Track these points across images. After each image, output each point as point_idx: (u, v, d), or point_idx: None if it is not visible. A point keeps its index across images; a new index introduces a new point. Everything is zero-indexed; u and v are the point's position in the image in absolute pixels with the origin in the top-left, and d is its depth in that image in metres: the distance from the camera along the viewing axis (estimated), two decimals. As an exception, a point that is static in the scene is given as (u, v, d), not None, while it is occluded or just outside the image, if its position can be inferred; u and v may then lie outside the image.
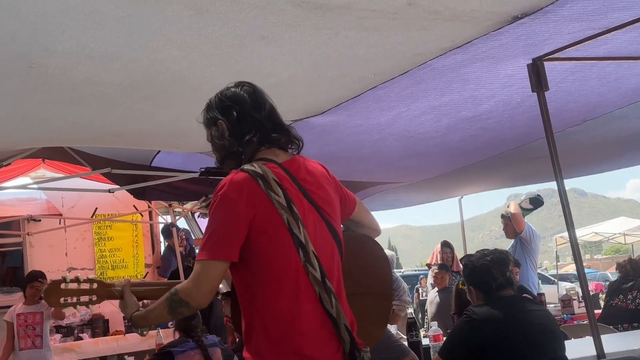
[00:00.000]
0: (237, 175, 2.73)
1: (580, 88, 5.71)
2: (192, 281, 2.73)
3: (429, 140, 6.92)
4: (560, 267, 22.53)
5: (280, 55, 4.50)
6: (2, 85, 4.60)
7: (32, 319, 7.05)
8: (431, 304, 9.29)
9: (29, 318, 7.05)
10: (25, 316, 7.07)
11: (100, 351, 9.37)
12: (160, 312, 2.80)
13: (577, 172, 10.03)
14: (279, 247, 2.72)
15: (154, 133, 6.43)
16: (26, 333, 7.02)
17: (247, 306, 2.78)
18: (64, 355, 8.81)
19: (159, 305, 2.81)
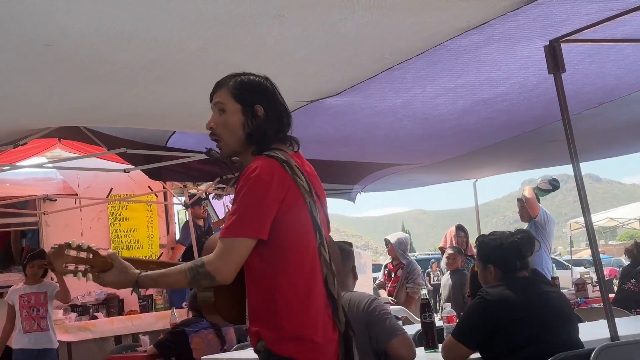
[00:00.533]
0: (267, 160, 2.82)
1: (597, 70, 5.67)
2: (220, 256, 2.79)
3: (445, 122, 6.91)
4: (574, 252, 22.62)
5: (295, 35, 4.48)
6: (18, 65, 4.62)
7: (35, 300, 6.79)
8: (444, 287, 9.39)
9: (32, 299, 6.79)
10: (28, 297, 6.80)
11: (115, 330, 9.41)
12: (178, 279, 2.85)
13: (593, 156, 9.98)
14: (303, 228, 2.85)
15: (169, 113, 6.46)
16: (30, 315, 6.75)
17: (267, 282, 2.85)
18: (79, 334, 8.85)
19: (177, 272, 2.86)
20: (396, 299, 9.32)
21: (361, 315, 4.39)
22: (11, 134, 6.90)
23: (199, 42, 4.42)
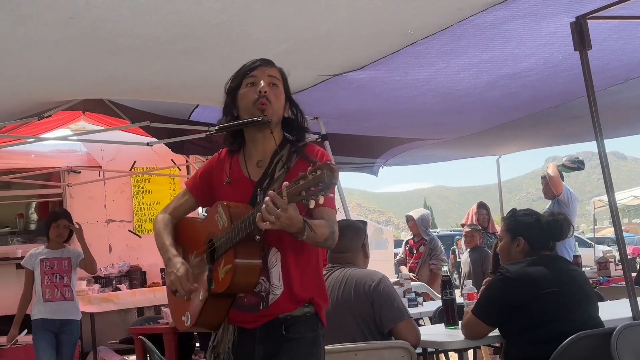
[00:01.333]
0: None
1: (624, 47, 5.66)
2: (334, 225, 3.02)
3: (468, 97, 6.93)
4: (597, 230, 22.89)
5: (318, 8, 4.45)
6: (43, 37, 4.64)
7: (59, 266, 6.37)
8: (464, 264, 9.44)
9: (55, 265, 6.35)
10: (51, 262, 6.35)
11: (137, 302, 9.58)
12: (322, 233, 2.92)
13: (618, 133, 9.99)
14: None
15: (193, 87, 6.46)
16: (53, 282, 6.34)
17: (314, 256, 3.11)
18: (102, 305, 9.01)
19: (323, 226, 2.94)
20: (418, 275, 9.31)
21: (367, 294, 4.45)
22: (36, 106, 6.92)
23: (222, 15, 4.40)
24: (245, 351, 3.08)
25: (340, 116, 7.85)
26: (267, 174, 3.13)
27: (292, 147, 3.16)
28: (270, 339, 3.08)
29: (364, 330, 4.47)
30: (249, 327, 3.09)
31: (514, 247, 4.46)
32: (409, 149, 10.12)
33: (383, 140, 9.59)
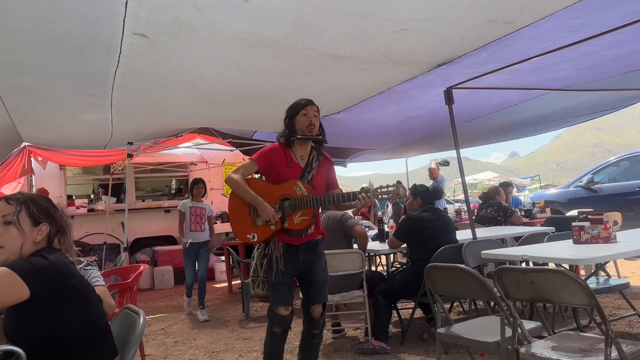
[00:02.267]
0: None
1: (470, 102, 5.98)
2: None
3: (392, 127, 7.32)
4: (455, 196, 26.79)
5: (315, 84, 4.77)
6: (178, 95, 5.07)
7: (199, 212, 6.67)
8: (390, 211, 10.46)
9: (197, 211, 6.65)
10: (195, 209, 6.64)
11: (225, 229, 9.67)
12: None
13: (466, 146, 10.05)
14: None
15: (253, 120, 6.78)
16: (196, 220, 6.62)
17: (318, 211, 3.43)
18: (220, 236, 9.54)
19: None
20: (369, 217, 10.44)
21: (337, 221, 4.87)
22: (174, 130, 7.50)
23: (269, 85, 4.76)
24: (292, 257, 3.29)
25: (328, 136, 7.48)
26: (308, 164, 3.35)
27: (318, 150, 3.42)
28: (308, 251, 3.35)
29: (337, 241, 4.82)
30: (295, 243, 3.31)
31: (415, 203, 4.97)
32: (361, 154, 10.49)
33: (349, 149, 9.96)
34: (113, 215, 9.72)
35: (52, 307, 1.90)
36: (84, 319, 1.98)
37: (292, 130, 3.33)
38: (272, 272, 3.28)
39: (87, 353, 1.97)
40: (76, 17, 3.02)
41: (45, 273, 1.90)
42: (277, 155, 3.33)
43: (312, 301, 3.36)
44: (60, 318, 1.91)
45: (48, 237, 2.07)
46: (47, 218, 2.07)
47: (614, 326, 4.36)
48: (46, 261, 1.94)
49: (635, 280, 6.68)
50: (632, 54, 4.57)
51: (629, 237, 3.95)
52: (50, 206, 2.13)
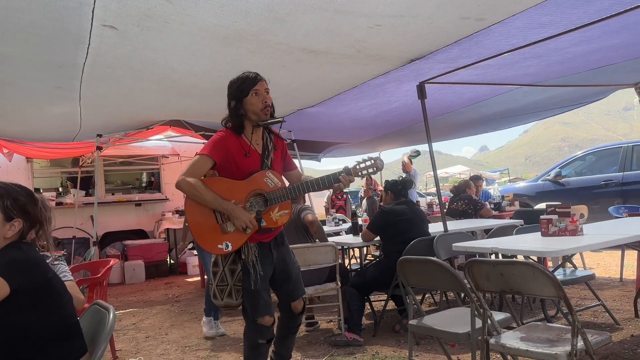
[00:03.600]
0: None
1: (442, 97, 6.03)
2: None
3: (365, 121, 7.33)
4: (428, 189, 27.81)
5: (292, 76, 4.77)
6: (149, 87, 4.98)
7: None
8: (363, 205, 10.53)
9: None
10: None
11: None
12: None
13: (438, 139, 10.13)
14: None
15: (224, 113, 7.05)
16: None
17: None
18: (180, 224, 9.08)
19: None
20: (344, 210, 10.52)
21: (297, 213, 4.93)
22: (145, 122, 7.32)
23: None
24: (267, 258, 2.95)
25: (302, 130, 8.04)
26: (264, 148, 2.97)
27: (269, 131, 3.05)
28: (277, 245, 3.03)
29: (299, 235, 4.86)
30: (266, 240, 2.96)
31: (387, 197, 4.89)
32: (335, 148, 10.55)
33: (323, 143, 10.03)
34: (82, 209, 9.57)
35: (28, 302, 1.87)
36: (56, 315, 1.96)
37: (243, 114, 2.90)
38: (250, 278, 2.88)
39: (57, 349, 1.95)
40: (44, 7, 2.95)
41: (24, 268, 1.88)
42: (232, 144, 2.88)
43: (293, 297, 3.08)
44: (33, 313, 1.88)
45: (21, 232, 2.03)
46: (22, 214, 2.03)
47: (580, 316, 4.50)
48: (24, 255, 1.92)
49: (600, 272, 6.87)
50: (599, 50, 4.66)
51: (594, 230, 4.04)
52: (29, 201, 2.08)
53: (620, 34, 4.23)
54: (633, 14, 3.64)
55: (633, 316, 4.57)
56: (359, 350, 4.23)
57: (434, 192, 22.81)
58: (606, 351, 3.64)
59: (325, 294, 4.85)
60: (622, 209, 6.75)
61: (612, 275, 6.58)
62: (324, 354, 4.24)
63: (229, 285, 2.90)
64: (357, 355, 4.11)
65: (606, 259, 7.81)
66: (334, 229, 6.65)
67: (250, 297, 2.89)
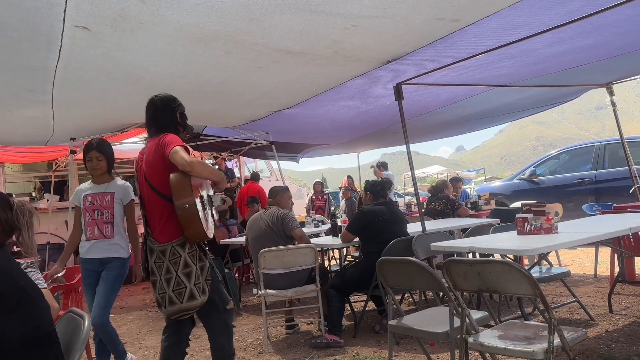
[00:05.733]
0: None
1: (419, 98, 6.08)
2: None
3: (343, 122, 7.38)
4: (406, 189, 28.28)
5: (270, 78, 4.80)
6: (123, 89, 4.92)
7: (100, 202, 3.91)
8: (342, 206, 10.76)
9: (96, 200, 3.92)
10: (93, 198, 3.92)
11: None
12: None
13: (415, 141, 10.38)
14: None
15: (204, 115, 6.71)
16: (93, 219, 3.87)
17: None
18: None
19: None
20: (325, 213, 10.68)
21: (276, 217, 4.90)
22: (120, 125, 7.16)
23: (218, 79, 4.75)
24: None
25: (280, 131, 8.04)
26: None
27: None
28: None
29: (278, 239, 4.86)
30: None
31: (367, 197, 5.04)
32: (314, 149, 10.49)
33: (301, 144, 9.96)
34: (56, 214, 9.42)
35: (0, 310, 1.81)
36: (30, 323, 1.90)
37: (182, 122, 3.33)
38: (213, 270, 3.04)
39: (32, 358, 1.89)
40: (12, 8, 2.88)
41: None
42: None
43: None
44: (6, 322, 1.83)
45: None
46: None
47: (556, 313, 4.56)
48: None
49: (575, 269, 6.99)
50: (572, 51, 4.75)
51: (569, 227, 4.11)
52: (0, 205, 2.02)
53: (592, 35, 4.32)
54: (603, 16, 3.72)
55: (607, 312, 4.65)
56: (340, 352, 4.23)
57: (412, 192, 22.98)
58: (582, 347, 3.69)
59: (304, 296, 4.83)
60: (596, 207, 6.87)
61: (587, 272, 6.69)
62: (304, 356, 4.23)
63: (201, 283, 2.94)
64: (337, 357, 4.12)
65: (581, 256, 7.94)
66: (313, 230, 6.64)
67: (217, 288, 3.06)
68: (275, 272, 4.61)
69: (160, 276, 2.93)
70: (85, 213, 3.98)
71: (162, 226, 2.97)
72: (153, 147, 3.03)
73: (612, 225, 3.92)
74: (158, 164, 2.99)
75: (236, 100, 5.69)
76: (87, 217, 3.98)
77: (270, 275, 4.63)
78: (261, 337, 4.88)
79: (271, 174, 13.46)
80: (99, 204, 4.00)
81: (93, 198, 4.00)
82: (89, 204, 4.00)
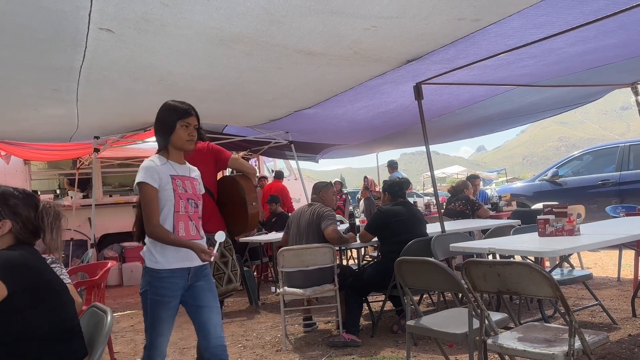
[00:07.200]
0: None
1: (438, 98, 6.03)
2: None
3: (363, 123, 7.37)
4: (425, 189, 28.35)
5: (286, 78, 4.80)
6: (146, 89, 4.98)
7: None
8: (361, 206, 10.80)
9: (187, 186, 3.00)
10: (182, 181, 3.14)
11: None
12: None
13: (435, 141, 10.29)
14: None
15: (223, 115, 6.82)
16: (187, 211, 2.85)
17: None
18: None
19: None
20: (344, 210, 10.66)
21: (316, 215, 4.88)
22: (142, 124, 7.24)
23: (239, 80, 4.75)
24: None
25: (299, 131, 8.06)
26: None
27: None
28: None
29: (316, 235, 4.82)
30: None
31: (385, 198, 4.96)
32: (333, 149, 10.55)
33: (320, 144, 10.01)
34: (80, 211, 9.55)
35: (25, 304, 1.86)
36: (55, 317, 1.94)
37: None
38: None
39: (56, 351, 1.93)
40: (40, 11, 2.95)
41: (19, 269, 1.88)
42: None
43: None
44: (32, 315, 1.87)
45: (16, 233, 2.01)
46: (12, 214, 2.01)
47: (577, 316, 4.54)
48: (19, 257, 1.91)
49: (598, 271, 6.89)
50: (596, 50, 4.67)
51: (591, 230, 4.04)
52: (23, 204, 2.06)
53: (616, 34, 4.24)
54: (629, 14, 3.65)
55: (630, 316, 4.58)
56: (357, 351, 4.23)
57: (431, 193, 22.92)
58: (604, 351, 3.65)
59: (323, 295, 4.83)
60: (620, 209, 6.76)
61: (610, 274, 6.60)
62: (322, 355, 4.25)
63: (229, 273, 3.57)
64: (355, 356, 4.12)
65: (604, 259, 7.82)
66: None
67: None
68: (294, 270, 4.61)
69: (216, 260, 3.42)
70: (179, 202, 2.72)
71: (208, 219, 3.30)
72: (197, 151, 3.07)
73: (636, 228, 3.86)
74: (209, 166, 3.47)
75: (256, 100, 5.71)
76: (181, 207, 2.73)
77: (289, 274, 4.62)
78: (279, 335, 4.90)
79: (290, 173, 13.49)
80: (191, 191, 2.81)
81: (183, 182, 2.78)
82: (182, 189, 2.75)
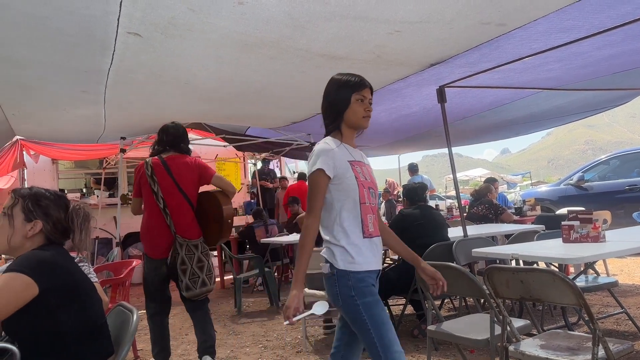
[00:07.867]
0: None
1: (462, 101, 6.03)
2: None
3: (385, 125, 7.41)
4: (447, 192, 27.37)
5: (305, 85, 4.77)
6: (172, 91, 5.06)
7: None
8: (382, 208, 10.67)
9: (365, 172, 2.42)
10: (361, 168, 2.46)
11: None
12: None
13: (458, 144, 10.10)
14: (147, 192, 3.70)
15: (245, 117, 6.93)
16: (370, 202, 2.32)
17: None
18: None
19: None
20: None
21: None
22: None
23: (260, 83, 4.83)
24: None
25: (321, 133, 8.14)
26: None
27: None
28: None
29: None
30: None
31: (404, 202, 4.95)
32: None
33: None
34: (105, 210, 9.71)
35: (57, 303, 1.89)
36: (84, 316, 1.98)
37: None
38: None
39: (85, 349, 1.97)
40: (70, 15, 3.02)
41: (51, 268, 1.91)
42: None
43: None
44: (62, 314, 1.90)
45: (47, 234, 2.05)
46: (43, 215, 2.04)
47: (602, 324, 4.47)
48: (50, 257, 1.94)
49: (624, 279, 6.76)
50: (622, 54, 4.61)
51: (617, 236, 3.98)
52: (53, 205, 2.09)
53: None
54: (658, 18, 3.58)
55: (657, 325, 4.48)
56: (377, 355, 4.20)
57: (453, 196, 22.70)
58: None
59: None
60: (647, 215, 6.61)
61: (636, 282, 6.49)
62: (342, 358, 4.22)
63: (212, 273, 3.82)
64: None
65: (630, 265, 7.68)
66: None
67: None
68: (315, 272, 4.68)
69: (192, 264, 3.65)
70: (363, 191, 2.29)
71: (187, 226, 3.71)
72: (184, 164, 3.75)
73: (663, 235, 3.72)
74: (193, 179, 3.76)
75: (279, 103, 5.75)
76: (365, 198, 2.29)
77: (310, 275, 4.60)
78: (299, 336, 4.93)
79: (311, 174, 13.62)
80: (369, 179, 2.38)
81: (361, 168, 2.38)
82: (362, 177, 2.34)
